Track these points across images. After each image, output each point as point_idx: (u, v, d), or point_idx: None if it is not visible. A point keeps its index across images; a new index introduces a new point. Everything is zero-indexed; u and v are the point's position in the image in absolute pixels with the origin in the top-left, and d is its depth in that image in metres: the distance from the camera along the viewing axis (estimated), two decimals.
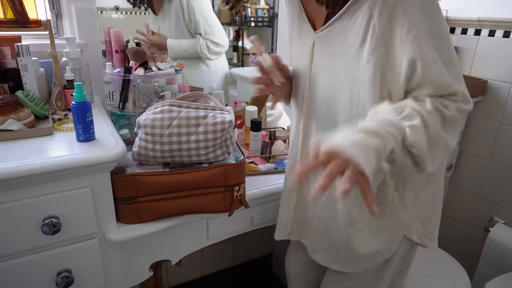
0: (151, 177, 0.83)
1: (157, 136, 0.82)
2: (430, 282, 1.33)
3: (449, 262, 1.44)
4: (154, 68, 1.05)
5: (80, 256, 0.82)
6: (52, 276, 0.80)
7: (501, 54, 1.49)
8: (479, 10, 1.54)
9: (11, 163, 0.68)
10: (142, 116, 0.84)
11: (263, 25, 1.68)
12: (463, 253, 1.75)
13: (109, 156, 0.75)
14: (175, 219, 0.90)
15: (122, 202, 0.84)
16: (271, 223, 1.13)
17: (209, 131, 0.83)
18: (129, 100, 1.06)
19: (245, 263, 1.91)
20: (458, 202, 1.77)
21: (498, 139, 1.56)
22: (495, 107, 1.54)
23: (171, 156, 0.85)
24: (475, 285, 1.52)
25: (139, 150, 0.84)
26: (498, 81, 1.52)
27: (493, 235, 1.52)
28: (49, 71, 1.11)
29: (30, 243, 0.75)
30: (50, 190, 0.74)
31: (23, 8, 0.93)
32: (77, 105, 0.77)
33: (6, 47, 0.98)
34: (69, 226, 0.78)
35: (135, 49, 1.03)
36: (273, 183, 1.06)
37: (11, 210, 0.71)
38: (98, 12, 1.19)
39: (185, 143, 0.83)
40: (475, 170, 1.67)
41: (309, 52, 0.77)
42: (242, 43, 1.68)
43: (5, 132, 0.80)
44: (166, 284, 1.70)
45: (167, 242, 0.96)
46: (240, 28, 1.68)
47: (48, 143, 0.80)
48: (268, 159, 1.24)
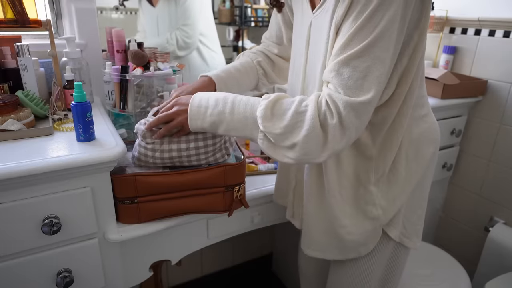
0: (151, 177, 0.83)
1: (157, 144, 0.82)
2: (430, 282, 1.33)
3: (449, 262, 1.44)
4: (152, 68, 1.05)
5: (80, 256, 0.82)
6: (52, 276, 0.80)
7: (501, 54, 1.49)
8: (479, 10, 1.54)
9: (11, 163, 0.68)
10: (140, 124, 0.83)
11: (263, 25, 1.68)
12: (463, 253, 1.74)
13: (109, 156, 0.75)
14: (175, 219, 0.90)
15: (122, 202, 0.84)
16: (271, 223, 1.13)
17: (208, 136, 0.83)
18: (128, 100, 1.06)
19: (245, 263, 1.91)
20: (458, 202, 1.77)
21: (498, 139, 1.56)
22: (495, 107, 1.54)
23: (171, 162, 0.85)
24: (475, 285, 1.52)
25: (139, 156, 0.84)
26: (498, 81, 1.52)
27: (493, 235, 1.52)
28: (49, 71, 1.11)
29: (30, 243, 0.75)
30: (50, 190, 0.74)
31: (23, 8, 0.93)
32: (77, 105, 0.77)
33: (6, 47, 0.98)
34: (69, 226, 0.78)
35: (134, 51, 1.03)
36: (273, 183, 1.06)
37: (11, 210, 0.71)
38: (98, 12, 1.19)
39: (184, 150, 0.83)
40: (475, 170, 1.67)
41: (306, 32, 0.78)
42: (242, 43, 1.68)
43: (5, 132, 0.80)
44: (166, 284, 1.70)
45: (167, 242, 0.96)
46: (240, 28, 1.68)
47: (48, 143, 0.80)
48: (268, 159, 1.24)
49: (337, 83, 0.62)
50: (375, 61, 0.60)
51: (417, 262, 1.41)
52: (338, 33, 0.65)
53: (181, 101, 0.77)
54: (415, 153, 0.80)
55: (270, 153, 0.69)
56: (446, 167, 1.65)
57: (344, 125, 0.62)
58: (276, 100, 0.67)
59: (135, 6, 1.42)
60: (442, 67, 1.67)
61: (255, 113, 0.68)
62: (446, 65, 1.65)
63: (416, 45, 0.68)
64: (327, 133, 0.63)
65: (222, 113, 0.71)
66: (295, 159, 0.66)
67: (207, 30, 1.52)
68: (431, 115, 0.83)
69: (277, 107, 0.66)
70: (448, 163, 1.65)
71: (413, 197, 0.83)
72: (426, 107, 0.81)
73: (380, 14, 0.59)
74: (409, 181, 0.81)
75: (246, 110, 0.69)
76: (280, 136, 0.65)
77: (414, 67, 0.70)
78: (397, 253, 0.87)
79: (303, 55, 0.81)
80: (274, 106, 0.66)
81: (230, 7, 1.62)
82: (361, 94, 0.60)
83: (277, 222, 1.14)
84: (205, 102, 0.73)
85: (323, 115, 0.62)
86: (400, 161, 0.78)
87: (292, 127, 0.64)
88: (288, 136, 0.65)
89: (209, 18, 1.53)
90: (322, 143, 0.63)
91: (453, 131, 1.58)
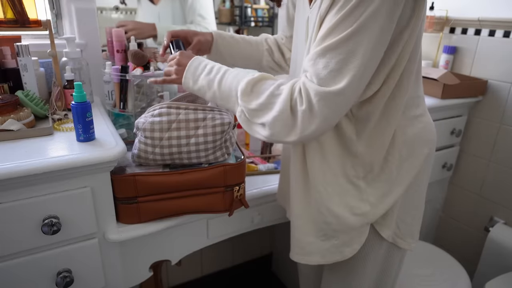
0: (151, 177, 0.83)
1: (157, 139, 0.82)
2: (430, 282, 1.33)
3: (449, 262, 1.44)
4: (152, 68, 1.05)
5: (80, 256, 0.82)
6: (52, 276, 0.80)
7: (501, 54, 1.49)
8: (479, 10, 1.54)
9: (11, 163, 0.68)
10: (140, 119, 0.84)
11: (263, 25, 1.68)
12: (463, 253, 1.75)
13: (109, 156, 0.75)
14: (175, 219, 0.90)
15: (122, 202, 0.84)
16: (271, 223, 1.13)
17: (208, 133, 0.83)
18: (128, 99, 1.06)
19: (245, 263, 1.91)
20: (458, 202, 1.77)
21: (498, 139, 1.56)
22: (495, 107, 1.54)
23: (171, 158, 0.85)
24: (475, 285, 1.52)
25: (139, 153, 0.84)
26: (498, 81, 1.52)
27: (493, 235, 1.52)
28: (49, 71, 1.11)
29: (30, 243, 0.75)
30: (50, 190, 0.74)
31: (23, 8, 0.93)
32: (77, 105, 0.77)
33: (6, 47, 0.98)
34: (69, 226, 0.78)
35: (134, 51, 1.03)
36: (273, 183, 1.06)
37: (11, 210, 0.71)
38: (98, 12, 1.19)
39: (184, 146, 0.83)
40: (475, 170, 1.67)
41: (305, 26, 0.78)
42: None
43: (5, 132, 0.80)
44: (166, 284, 1.70)
45: (167, 242, 0.96)
46: (240, 28, 1.68)
47: (48, 143, 0.80)
48: (268, 159, 1.24)
49: (312, 73, 0.64)
50: (350, 55, 0.61)
51: (417, 262, 1.41)
52: (321, 27, 0.66)
53: (182, 61, 0.82)
54: (409, 153, 0.79)
55: (246, 128, 0.73)
56: (446, 167, 1.65)
57: (314, 112, 0.63)
58: (259, 79, 0.71)
59: (135, 6, 1.42)
60: (442, 67, 1.67)
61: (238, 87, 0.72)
62: (446, 65, 1.65)
63: (406, 44, 0.68)
64: (296, 118, 0.65)
65: (212, 80, 0.76)
66: (265, 137, 0.70)
67: (206, 12, 1.50)
68: (427, 115, 0.83)
69: (258, 86, 0.70)
70: (448, 163, 1.65)
71: (407, 197, 0.83)
72: (421, 107, 0.81)
73: (361, 8, 0.59)
74: (401, 181, 0.80)
75: (232, 83, 0.73)
76: (253, 112, 0.70)
77: (401, 66, 0.69)
78: (391, 254, 0.86)
79: (305, 48, 0.81)
80: (256, 84, 0.70)
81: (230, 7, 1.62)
82: (332, 84, 0.62)
83: (277, 222, 1.14)
84: (202, 66, 0.79)
85: (294, 101, 0.65)
86: (392, 160, 0.78)
87: (264, 106, 0.68)
88: (259, 114, 0.69)
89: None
90: (290, 126, 0.66)
91: (453, 131, 1.59)
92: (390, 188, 0.80)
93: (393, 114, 0.74)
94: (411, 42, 0.68)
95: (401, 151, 0.78)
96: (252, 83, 0.70)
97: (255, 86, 0.70)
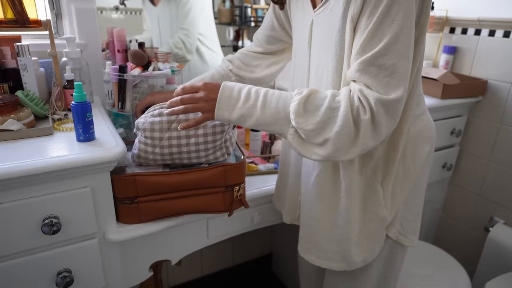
0: (151, 177, 0.83)
1: (157, 139, 0.82)
2: (430, 282, 1.33)
3: (449, 262, 1.44)
4: (151, 68, 1.05)
5: (80, 256, 0.82)
6: (52, 276, 0.80)
7: (501, 54, 1.49)
8: (479, 10, 1.54)
9: (11, 163, 0.68)
10: (140, 119, 0.84)
11: None
12: (463, 253, 1.74)
13: (109, 156, 0.75)
14: (175, 219, 0.90)
15: (122, 202, 0.84)
16: (271, 223, 1.13)
17: (208, 133, 0.83)
18: (126, 99, 1.06)
19: (245, 263, 1.91)
20: (458, 202, 1.77)
21: (498, 139, 1.56)
22: (495, 107, 1.54)
23: (171, 158, 0.85)
24: (475, 285, 1.52)
25: (139, 153, 0.84)
26: (498, 81, 1.52)
27: (493, 235, 1.52)
28: (49, 71, 1.11)
29: (30, 243, 0.75)
30: (50, 190, 0.74)
31: (23, 8, 0.93)
32: (77, 105, 0.77)
33: (6, 47, 0.98)
34: (69, 226, 0.78)
35: (133, 51, 1.03)
36: (273, 183, 1.06)
37: (11, 210, 0.71)
38: (98, 12, 1.19)
39: (184, 146, 0.83)
40: (475, 170, 1.67)
41: (308, 30, 0.78)
42: (242, 43, 1.68)
43: (5, 132, 0.80)
44: (166, 284, 1.70)
45: (167, 242, 0.96)
46: (240, 28, 1.68)
47: (48, 143, 0.80)
48: (268, 159, 1.24)
49: (365, 82, 0.62)
50: (399, 57, 0.60)
51: (417, 262, 1.41)
52: (355, 31, 0.65)
53: (210, 87, 0.72)
54: (413, 152, 0.80)
55: (299, 149, 0.68)
56: (446, 167, 1.65)
57: (376, 121, 0.62)
58: (308, 95, 0.66)
59: (135, 6, 1.42)
60: (442, 67, 1.67)
61: (287, 109, 0.67)
62: (446, 65, 1.65)
63: (416, 43, 0.68)
64: (359, 129, 0.63)
65: (254, 106, 0.69)
66: (324, 156, 0.65)
67: (207, 30, 1.52)
68: (426, 113, 0.83)
69: (309, 103, 0.66)
70: (448, 163, 1.65)
71: (409, 195, 0.83)
72: (422, 105, 0.81)
73: (395, 8, 0.59)
74: (407, 179, 0.80)
75: (278, 105, 0.68)
76: (312, 132, 0.65)
77: (416, 65, 0.70)
78: (394, 251, 0.87)
79: (306, 53, 0.81)
80: (307, 101, 0.66)
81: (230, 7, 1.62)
82: (390, 91, 0.61)
83: (277, 222, 1.14)
84: (236, 93, 0.71)
85: (356, 111, 0.62)
86: (399, 161, 0.79)
87: (324, 123, 0.64)
88: (320, 132, 0.65)
89: (209, 18, 1.53)
90: (353, 139, 0.63)
91: (453, 131, 1.58)
92: (398, 188, 0.80)
93: (409, 113, 0.74)
94: (421, 41, 0.68)
95: (405, 150, 0.79)
96: (303, 101, 0.65)
97: (307, 104, 0.66)
